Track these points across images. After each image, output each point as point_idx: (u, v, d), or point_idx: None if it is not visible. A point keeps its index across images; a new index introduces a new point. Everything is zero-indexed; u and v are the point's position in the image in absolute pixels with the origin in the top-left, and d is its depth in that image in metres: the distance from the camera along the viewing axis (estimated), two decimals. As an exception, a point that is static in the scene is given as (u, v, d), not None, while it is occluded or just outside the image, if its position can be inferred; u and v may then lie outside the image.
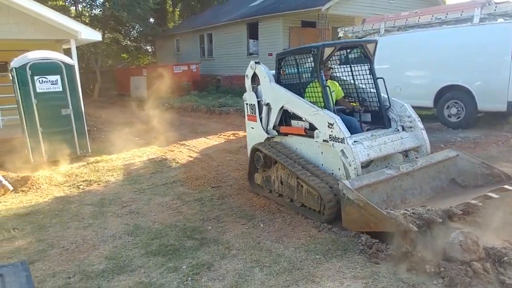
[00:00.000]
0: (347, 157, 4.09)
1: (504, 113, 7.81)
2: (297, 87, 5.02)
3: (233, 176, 6.33)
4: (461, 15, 8.19)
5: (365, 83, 5.15)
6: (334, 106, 4.71)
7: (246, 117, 5.91)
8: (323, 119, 4.36)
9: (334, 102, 4.92)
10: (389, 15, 10.05)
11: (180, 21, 31.03)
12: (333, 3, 14.72)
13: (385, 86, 4.84)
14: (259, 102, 5.51)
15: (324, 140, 4.36)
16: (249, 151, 5.57)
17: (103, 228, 4.62)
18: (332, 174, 4.38)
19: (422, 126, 4.67)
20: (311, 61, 4.79)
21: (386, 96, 4.93)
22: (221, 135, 9.90)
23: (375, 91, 4.98)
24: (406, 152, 4.66)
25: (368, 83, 5.09)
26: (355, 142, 4.15)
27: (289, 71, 5.26)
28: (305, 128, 4.77)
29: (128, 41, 28.69)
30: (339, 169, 4.28)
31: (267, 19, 17.04)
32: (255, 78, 5.56)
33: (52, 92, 7.44)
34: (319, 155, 4.60)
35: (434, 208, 3.48)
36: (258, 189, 5.43)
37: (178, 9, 32.73)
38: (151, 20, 26.89)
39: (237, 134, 9.71)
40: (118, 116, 13.83)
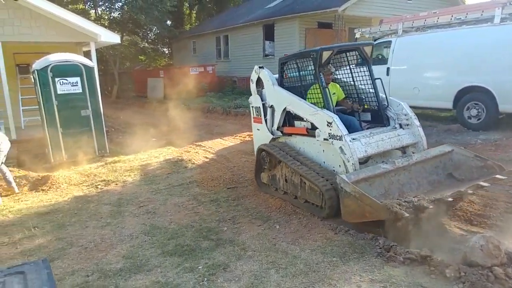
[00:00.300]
0: (345, 154, 4.30)
1: (526, 114, 7.61)
2: (299, 90, 5.26)
3: (248, 177, 6.34)
4: (482, 15, 8.02)
5: (364, 84, 5.36)
6: (334, 107, 4.95)
7: (252, 119, 6.18)
8: (323, 118, 4.58)
9: (334, 103, 5.17)
10: (407, 16, 9.91)
11: (197, 23, 31.32)
12: (350, 4, 14.60)
13: (383, 86, 5.06)
14: (263, 105, 5.78)
15: (325, 139, 4.58)
16: (256, 151, 5.79)
17: (121, 228, 4.68)
18: (334, 170, 4.59)
19: (418, 124, 4.85)
20: (311, 64, 4.98)
21: (384, 96, 5.12)
22: (236, 136, 9.93)
23: (373, 91, 5.17)
24: (404, 149, 4.85)
25: (367, 83, 5.29)
26: (353, 140, 4.36)
27: (291, 74, 5.52)
28: (307, 128, 4.99)
29: (146, 43, 29.08)
30: (339, 166, 4.48)
31: (283, 20, 17.03)
32: (259, 82, 5.83)
33: (72, 94, 7.61)
34: (320, 153, 4.84)
35: (426, 197, 3.66)
36: (264, 187, 5.63)
37: (194, 11, 33.04)
38: (168, 22, 27.17)
39: (252, 135, 9.70)
40: (135, 117, 14.03)
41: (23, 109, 9.79)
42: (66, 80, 7.51)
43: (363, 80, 5.33)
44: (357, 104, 5.30)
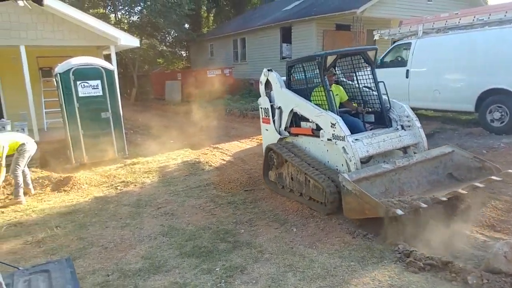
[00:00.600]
0: (347, 153, 4.50)
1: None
2: (305, 92, 5.49)
3: (265, 180, 6.33)
4: (505, 15, 7.82)
5: (368, 87, 5.59)
6: (337, 108, 5.19)
7: (261, 120, 6.48)
8: (327, 120, 4.80)
9: (337, 105, 5.40)
10: (428, 17, 9.75)
11: (214, 26, 31.54)
12: (369, 6, 14.46)
13: (386, 89, 5.26)
14: (272, 106, 6.06)
15: (328, 139, 4.79)
16: (264, 150, 6.07)
17: (139, 228, 4.75)
18: (337, 169, 4.79)
19: (419, 125, 5.02)
20: (316, 68, 5.18)
21: (386, 98, 5.30)
22: (253, 138, 9.94)
23: (376, 94, 5.37)
24: (405, 149, 5.04)
25: (371, 86, 5.51)
26: (356, 140, 4.56)
27: (298, 77, 5.75)
28: (312, 129, 5.24)
29: (164, 47, 29.42)
30: (342, 165, 4.69)
31: (301, 23, 16.99)
32: (268, 84, 6.10)
33: (93, 96, 7.76)
34: (325, 153, 5.07)
35: (422, 196, 3.85)
36: (272, 185, 5.84)
37: (212, 14, 33.28)
38: (186, 25, 27.45)
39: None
40: (153, 120, 14.19)
41: (46, 112, 10.04)
42: (87, 83, 7.67)
43: (367, 83, 5.57)
44: (362, 106, 5.50)
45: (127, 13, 25.45)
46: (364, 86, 5.64)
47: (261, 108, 6.37)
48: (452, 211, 4.19)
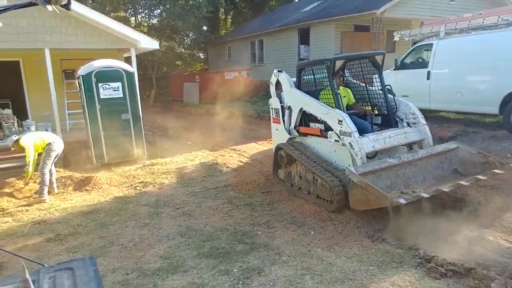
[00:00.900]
0: (354, 149, 4.67)
1: None
2: (314, 94, 5.70)
3: (283, 182, 6.32)
4: (531, 15, 7.60)
5: (375, 89, 5.76)
6: (344, 109, 5.36)
7: (271, 120, 6.76)
8: (334, 117, 5.00)
9: (344, 106, 5.58)
10: (450, 17, 9.55)
11: (232, 28, 31.69)
12: (389, 6, 14.26)
13: (393, 91, 5.51)
14: (282, 107, 6.32)
15: (336, 140, 4.97)
16: (274, 149, 6.26)
17: (158, 228, 4.81)
18: (343, 169, 4.79)
19: (424, 122, 5.15)
20: (325, 71, 5.39)
21: (394, 102, 5.47)
22: (271, 140, 9.85)
23: (383, 96, 5.55)
24: (411, 145, 5.17)
25: (378, 89, 5.67)
26: (362, 136, 4.74)
27: (307, 79, 5.99)
28: (321, 130, 5.45)
29: (182, 49, 29.73)
30: (348, 165, 4.81)
31: (319, 24, 16.90)
32: (278, 84, 6.37)
33: (114, 98, 7.90)
34: (332, 153, 5.26)
35: (425, 189, 4.01)
36: (281, 183, 6.03)
37: (230, 17, 33.45)
38: (204, 28, 27.69)
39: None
40: (172, 121, 14.36)
41: (69, 113, 10.29)
42: (109, 85, 7.82)
43: (374, 86, 5.76)
44: (370, 109, 5.73)
45: (146, 16, 25.88)
46: (380, 89, 5.73)
47: (272, 108, 6.65)
48: (475, 216, 4.10)
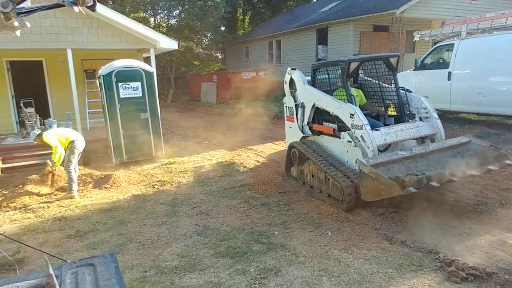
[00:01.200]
0: (365, 141, 4.71)
1: None
2: (328, 93, 5.74)
3: (300, 182, 6.29)
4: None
5: (389, 90, 5.81)
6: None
7: (285, 118, 6.93)
8: (346, 110, 5.08)
9: (357, 105, 5.52)
10: (472, 17, 9.34)
11: (250, 29, 31.76)
12: (409, 6, 14.02)
13: (405, 92, 5.54)
14: (296, 105, 6.43)
15: (348, 141, 4.99)
16: (287, 147, 6.38)
17: (175, 227, 4.86)
18: (355, 169, 4.86)
19: (436, 116, 5.18)
20: (339, 72, 5.50)
21: (407, 104, 5.49)
22: (288, 141, 9.89)
23: (397, 97, 5.60)
24: (423, 139, 5.14)
25: (392, 90, 5.72)
26: (374, 129, 4.78)
27: (322, 78, 6.13)
28: (334, 129, 5.53)
29: (200, 49, 29.96)
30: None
31: (337, 24, 16.76)
32: (292, 83, 6.53)
33: (133, 98, 8.02)
34: (344, 153, 5.31)
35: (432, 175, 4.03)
36: (293, 180, 6.13)
37: (248, 17, 33.54)
38: (222, 28, 27.86)
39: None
40: (189, 120, 14.48)
41: (89, 112, 10.51)
42: (128, 85, 7.94)
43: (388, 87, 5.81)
44: (383, 110, 5.77)
45: (165, 16, 26.17)
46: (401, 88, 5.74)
47: (286, 107, 6.83)
48: (497, 220, 3.99)
